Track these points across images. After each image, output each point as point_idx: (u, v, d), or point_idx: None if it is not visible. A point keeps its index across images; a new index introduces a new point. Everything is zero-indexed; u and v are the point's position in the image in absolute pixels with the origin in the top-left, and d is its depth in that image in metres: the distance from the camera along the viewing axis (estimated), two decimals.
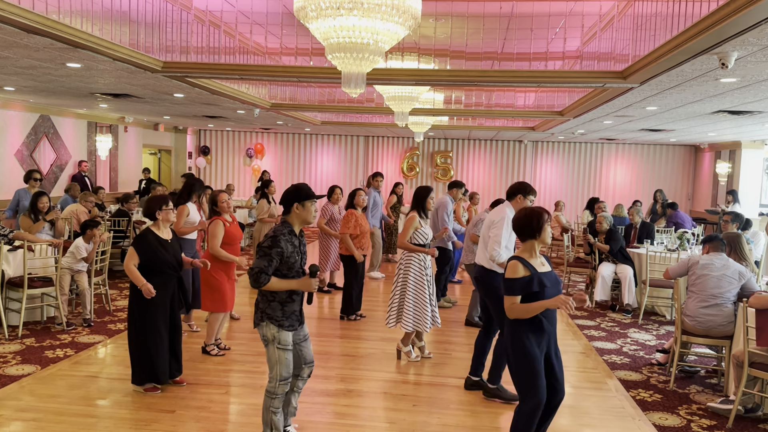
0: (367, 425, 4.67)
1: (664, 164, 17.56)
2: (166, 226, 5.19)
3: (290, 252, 3.86)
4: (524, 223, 3.80)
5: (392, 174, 18.14)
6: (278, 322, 3.90)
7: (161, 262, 5.02)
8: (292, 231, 3.94)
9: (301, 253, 4.00)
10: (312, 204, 3.97)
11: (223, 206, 6.11)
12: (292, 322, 3.95)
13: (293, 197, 3.94)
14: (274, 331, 3.89)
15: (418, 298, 5.94)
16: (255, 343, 6.54)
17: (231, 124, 15.78)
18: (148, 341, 5.00)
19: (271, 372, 3.94)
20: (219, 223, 6.02)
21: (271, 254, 3.81)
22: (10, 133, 11.49)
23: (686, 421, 4.91)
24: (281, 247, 3.82)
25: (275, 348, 3.91)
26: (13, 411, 4.68)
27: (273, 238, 3.84)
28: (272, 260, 3.80)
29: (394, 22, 3.90)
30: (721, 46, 4.64)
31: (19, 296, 6.63)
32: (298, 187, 4.01)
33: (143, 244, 5.02)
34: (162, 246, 5.06)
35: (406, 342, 6.12)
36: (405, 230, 5.97)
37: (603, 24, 6.94)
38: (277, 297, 3.91)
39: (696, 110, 8.83)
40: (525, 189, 5.22)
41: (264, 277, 3.79)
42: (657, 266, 8.00)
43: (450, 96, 11.25)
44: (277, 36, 7.71)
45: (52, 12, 5.06)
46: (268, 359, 3.95)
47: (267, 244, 3.83)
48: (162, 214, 5.13)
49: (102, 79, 7.75)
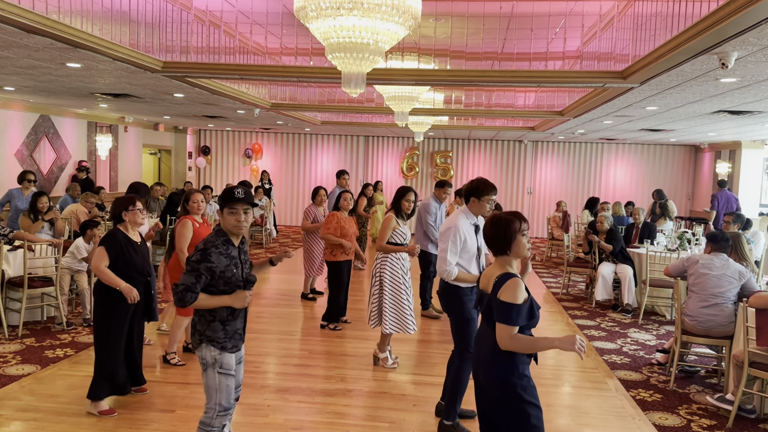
0: (367, 425, 4.67)
1: (664, 164, 17.56)
2: (134, 228, 4.85)
3: (225, 266, 3.37)
4: (493, 234, 3.15)
5: (392, 174, 18.16)
6: (220, 344, 3.43)
7: (130, 265, 4.68)
8: (229, 240, 3.44)
9: (242, 263, 3.50)
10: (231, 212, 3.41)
11: (193, 206, 5.79)
12: (235, 343, 3.50)
13: (220, 201, 3.46)
14: (215, 353, 3.42)
15: (395, 299, 5.80)
16: (254, 343, 6.55)
17: (231, 124, 15.78)
18: (111, 351, 4.68)
19: (209, 402, 3.46)
20: (187, 223, 5.69)
21: (200, 269, 3.32)
22: (10, 133, 11.49)
23: (686, 421, 4.91)
24: (212, 262, 3.34)
25: (215, 373, 3.43)
26: (13, 411, 4.68)
27: (203, 252, 3.35)
28: (201, 276, 3.32)
29: (394, 22, 3.89)
30: (721, 46, 4.64)
31: (19, 296, 6.63)
32: (225, 191, 3.52)
33: (113, 243, 4.66)
34: (132, 248, 4.73)
35: (382, 348, 5.98)
36: (383, 232, 5.85)
37: (603, 24, 6.93)
38: (218, 316, 3.43)
39: (696, 110, 8.83)
40: (477, 189, 4.38)
41: (190, 295, 3.31)
42: (657, 266, 8.00)
43: (450, 96, 11.25)
44: (277, 36, 7.71)
45: (52, 12, 5.05)
46: (205, 386, 3.46)
47: (195, 258, 3.35)
48: (129, 215, 4.77)
49: (102, 79, 7.76)
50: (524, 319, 2.96)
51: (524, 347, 2.95)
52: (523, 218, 3.18)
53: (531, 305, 2.99)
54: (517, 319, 2.94)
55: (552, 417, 4.94)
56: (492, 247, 3.17)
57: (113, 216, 4.86)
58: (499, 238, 3.11)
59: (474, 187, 4.43)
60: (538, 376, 5.83)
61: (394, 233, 5.85)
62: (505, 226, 3.11)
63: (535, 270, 12.09)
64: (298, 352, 6.42)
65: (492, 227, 3.15)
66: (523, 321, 2.96)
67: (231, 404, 3.47)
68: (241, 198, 3.39)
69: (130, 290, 4.60)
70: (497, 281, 3.04)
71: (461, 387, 4.50)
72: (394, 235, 5.85)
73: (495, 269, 3.14)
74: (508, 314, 2.93)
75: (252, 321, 7.47)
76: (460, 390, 4.49)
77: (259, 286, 9.72)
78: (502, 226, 3.12)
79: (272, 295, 9.07)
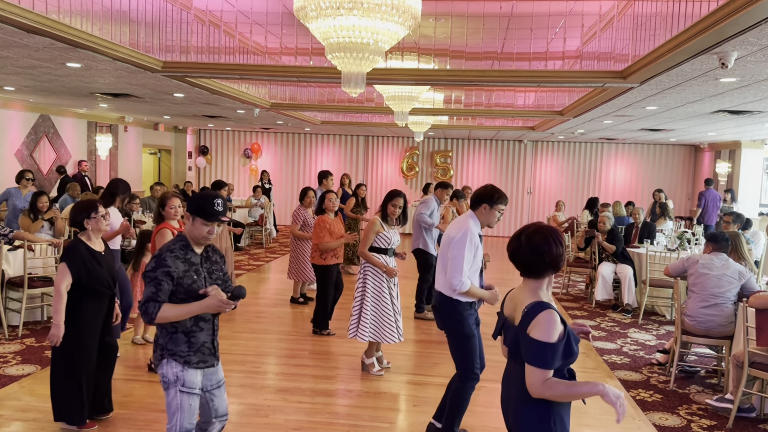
0: (367, 425, 4.67)
1: (664, 164, 17.56)
2: (97, 237, 4.43)
3: (183, 271, 3.10)
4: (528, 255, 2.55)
5: (392, 174, 18.15)
6: (183, 358, 3.14)
7: (95, 279, 4.29)
8: (188, 245, 3.18)
9: (206, 272, 3.21)
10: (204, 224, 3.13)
11: (170, 212, 5.33)
12: (202, 357, 3.19)
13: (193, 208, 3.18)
14: (177, 370, 3.12)
15: (377, 308, 5.61)
16: (254, 343, 6.55)
17: (231, 123, 15.79)
18: (77, 372, 4.27)
19: (169, 422, 3.17)
20: (165, 232, 5.18)
21: (157, 276, 3.05)
22: (10, 133, 11.49)
23: (686, 421, 4.91)
24: (168, 266, 3.06)
25: (177, 391, 3.13)
26: (13, 411, 4.68)
27: (157, 258, 3.09)
28: (160, 284, 3.04)
29: (394, 21, 3.90)
30: (721, 46, 4.64)
31: (19, 296, 6.63)
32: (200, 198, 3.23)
33: (74, 258, 4.24)
34: (95, 260, 4.32)
35: (369, 353, 5.83)
36: (365, 237, 5.62)
37: (603, 24, 6.94)
38: (180, 327, 3.15)
39: (696, 110, 8.83)
40: (492, 196, 4.12)
41: (152, 305, 3.02)
42: (657, 266, 8.00)
43: (450, 96, 11.25)
44: (277, 36, 7.71)
45: (52, 12, 5.05)
46: (167, 406, 3.17)
47: (150, 267, 3.08)
48: (91, 222, 4.36)
49: (102, 78, 7.76)
50: (560, 360, 2.42)
51: (561, 395, 2.41)
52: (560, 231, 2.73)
53: (568, 340, 2.44)
54: (552, 362, 2.40)
55: None
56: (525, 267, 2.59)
57: (73, 224, 4.43)
58: (554, 253, 2.54)
59: (488, 193, 4.14)
60: None
61: (378, 237, 5.62)
62: (560, 238, 2.57)
63: None
64: (298, 352, 6.42)
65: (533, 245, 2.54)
66: (559, 362, 2.42)
67: (193, 426, 3.20)
68: (220, 213, 3.14)
69: (57, 335, 4.14)
70: (527, 312, 2.50)
71: (461, 409, 4.21)
72: (378, 239, 5.63)
73: (525, 295, 2.59)
74: (540, 356, 2.40)
75: (252, 321, 7.47)
76: (459, 412, 4.20)
77: (259, 286, 9.72)
78: (558, 238, 2.55)
79: (272, 295, 9.07)
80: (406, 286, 9.22)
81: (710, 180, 13.72)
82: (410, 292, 8.60)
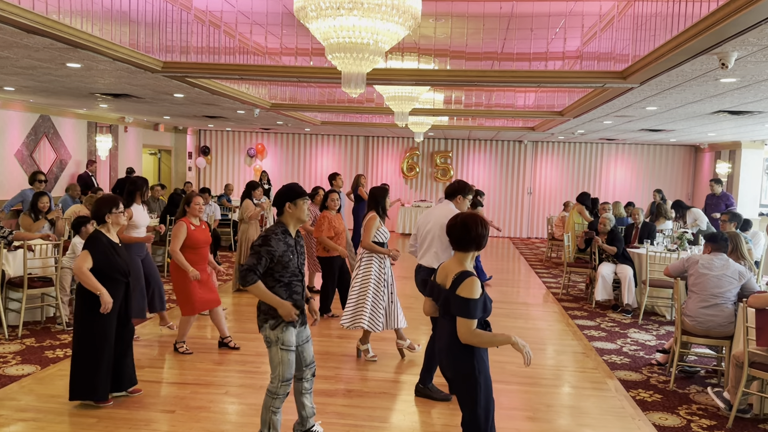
0: (367, 425, 4.67)
1: (664, 164, 17.56)
2: (114, 231, 4.86)
3: (282, 251, 3.88)
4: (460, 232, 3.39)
5: (392, 174, 18.15)
6: (280, 321, 3.92)
7: (114, 268, 4.70)
8: (286, 231, 3.97)
9: (298, 253, 4.01)
10: (304, 202, 4.01)
11: (195, 209, 6.00)
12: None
13: (285, 197, 3.99)
14: (278, 332, 3.90)
15: (377, 297, 5.96)
16: (255, 343, 6.54)
17: (231, 124, 15.79)
18: (97, 353, 4.66)
19: (273, 373, 3.96)
20: (183, 225, 5.89)
21: (261, 252, 3.83)
22: (10, 133, 11.49)
23: (686, 422, 4.91)
24: (272, 246, 3.84)
25: (278, 349, 3.92)
26: (13, 411, 4.68)
27: (264, 237, 3.88)
28: (261, 258, 3.82)
29: (394, 22, 3.90)
30: (721, 46, 4.64)
31: (19, 296, 6.63)
32: (289, 187, 4.07)
33: (98, 246, 4.67)
34: (114, 250, 4.75)
35: (364, 340, 6.18)
36: (368, 231, 5.98)
37: (603, 24, 6.94)
38: (277, 296, 3.93)
39: (696, 110, 8.83)
40: (465, 188, 5.21)
41: (251, 275, 3.80)
42: (657, 266, 8.00)
43: (450, 96, 11.25)
44: (277, 36, 7.71)
45: (52, 12, 5.06)
46: (270, 360, 3.96)
47: (258, 243, 3.87)
48: (112, 217, 4.79)
49: (102, 79, 7.76)
50: (480, 312, 3.25)
51: (483, 341, 3.25)
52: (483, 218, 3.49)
53: (485, 299, 3.30)
54: (476, 313, 3.22)
55: (552, 417, 4.95)
56: (456, 242, 3.40)
57: (95, 217, 4.85)
58: (467, 236, 3.35)
59: (462, 186, 5.25)
60: (538, 377, 5.84)
61: (377, 232, 6.00)
62: (483, 224, 3.41)
63: (535, 270, 12.09)
64: None
65: (464, 225, 3.37)
66: (480, 313, 3.25)
67: (292, 375, 3.96)
68: (308, 193, 4.00)
69: (106, 301, 4.59)
70: (456, 278, 3.30)
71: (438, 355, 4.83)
72: (377, 234, 6.00)
73: (454, 266, 3.39)
74: (467, 309, 3.21)
75: (252, 321, 7.46)
76: (433, 358, 4.82)
77: None
78: (480, 224, 3.38)
79: None
80: (404, 286, 9.22)
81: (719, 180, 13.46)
82: (411, 292, 8.59)
